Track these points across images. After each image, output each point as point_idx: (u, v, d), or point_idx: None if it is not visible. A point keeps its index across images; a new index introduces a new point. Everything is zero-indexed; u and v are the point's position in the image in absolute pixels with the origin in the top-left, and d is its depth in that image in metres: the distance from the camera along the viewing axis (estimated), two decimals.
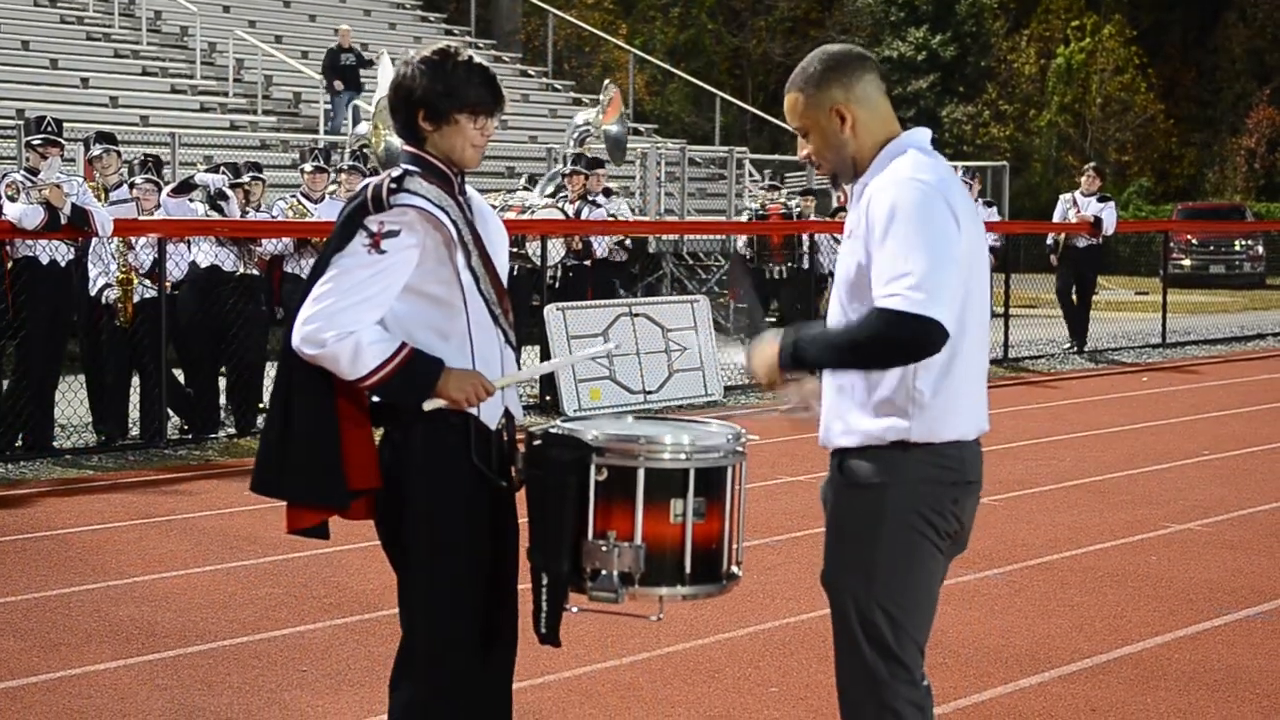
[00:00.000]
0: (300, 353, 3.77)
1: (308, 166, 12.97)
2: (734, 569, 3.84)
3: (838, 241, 15.26)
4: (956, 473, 3.64)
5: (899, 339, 3.41)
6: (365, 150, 15.89)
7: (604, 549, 3.65)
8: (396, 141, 15.55)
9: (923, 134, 3.71)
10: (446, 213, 3.82)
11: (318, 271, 3.82)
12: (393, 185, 3.81)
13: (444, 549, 3.83)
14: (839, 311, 3.67)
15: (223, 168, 12.45)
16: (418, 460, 3.83)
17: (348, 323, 3.72)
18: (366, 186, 3.86)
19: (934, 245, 3.44)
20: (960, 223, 3.53)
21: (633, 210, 14.98)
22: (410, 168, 3.88)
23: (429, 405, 3.80)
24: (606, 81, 18.66)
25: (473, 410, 3.83)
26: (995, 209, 18.67)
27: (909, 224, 3.45)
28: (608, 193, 15.25)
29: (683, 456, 3.69)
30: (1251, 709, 5.62)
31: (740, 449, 3.81)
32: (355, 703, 5.59)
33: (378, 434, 3.94)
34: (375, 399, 3.89)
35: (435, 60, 3.87)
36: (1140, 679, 5.93)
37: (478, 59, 3.92)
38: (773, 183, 21.09)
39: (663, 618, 3.80)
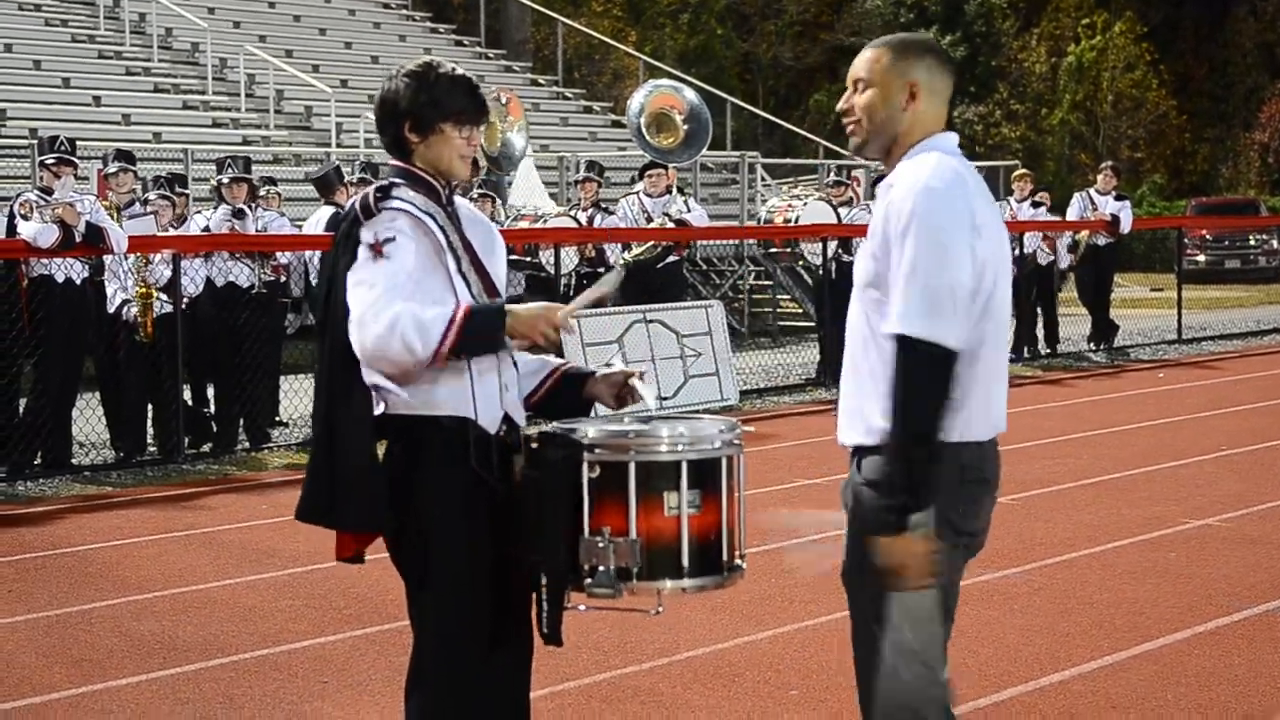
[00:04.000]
0: (364, 351, 3.74)
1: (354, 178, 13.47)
2: (737, 560, 3.84)
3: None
4: (974, 471, 3.64)
5: (913, 370, 3.44)
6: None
7: (600, 545, 3.65)
8: (513, 138, 15.37)
9: (949, 137, 3.75)
10: (434, 218, 3.86)
11: (338, 287, 3.84)
12: (379, 194, 3.86)
13: (446, 555, 3.84)
14: (859, 313, 3.68)
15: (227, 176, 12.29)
16: (418, 467, 3.85)
17: (400, 304, 3.72)
18: (354, 201, 3.92)
19: (937, 264, 3.47)
20: (980, 227, 3.56)
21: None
22: (396, 180, 3.93)
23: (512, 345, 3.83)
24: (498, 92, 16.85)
25: (470, 415, 3.85)
26: (1045, 208, 18.34)
27: (916, 242, 3.49)
28: (670, 190, 15.04)
29: (675, 448, 3.69)
30: (1273, 704, 5.60)
31: (736, 441, 3.81)
32: (376, 713, 5.61)
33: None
34: (375, 411, 3.89)
35: (419, 72, 3.93)
36: (1161, 675, 5.92)
37: (460, 70, 3.97)
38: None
39: (662, 611, 3.80)
